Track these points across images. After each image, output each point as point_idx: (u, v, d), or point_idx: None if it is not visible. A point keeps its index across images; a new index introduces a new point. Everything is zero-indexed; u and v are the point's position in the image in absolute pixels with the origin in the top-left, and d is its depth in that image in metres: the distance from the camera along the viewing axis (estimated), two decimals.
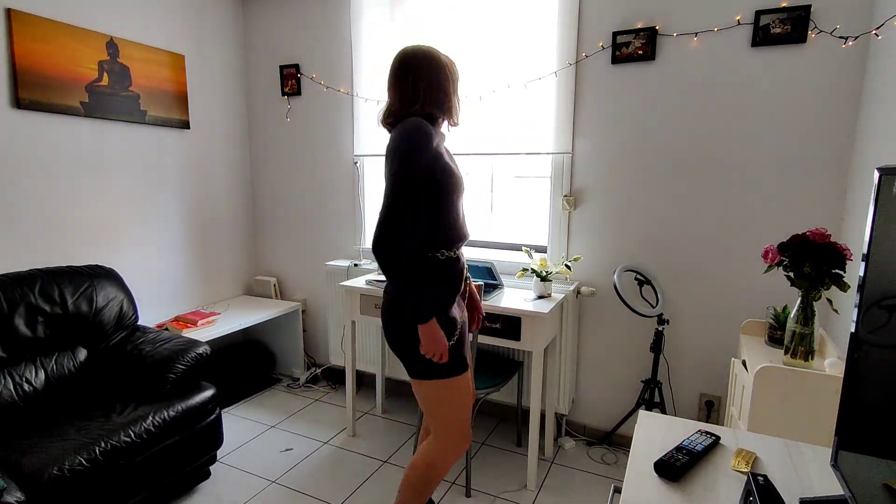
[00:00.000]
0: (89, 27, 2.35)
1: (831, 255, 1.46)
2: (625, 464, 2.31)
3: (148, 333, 2.26)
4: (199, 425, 2.04)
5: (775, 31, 1.95)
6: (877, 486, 0.71)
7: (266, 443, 2.51)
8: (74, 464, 1.61)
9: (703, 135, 2.14)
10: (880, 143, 1.68)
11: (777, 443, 1.04)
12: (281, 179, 3.20)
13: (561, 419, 2.54)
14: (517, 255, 2.56)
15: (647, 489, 0.89)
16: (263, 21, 3.08)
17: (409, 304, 1.43)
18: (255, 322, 2.87)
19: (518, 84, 2.39)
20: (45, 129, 2.24)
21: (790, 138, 2.01)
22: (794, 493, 0.87)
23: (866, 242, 0.78)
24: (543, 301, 2.18)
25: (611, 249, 2.38)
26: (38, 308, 2.03)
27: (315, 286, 3.20)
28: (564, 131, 2.35)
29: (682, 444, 1.00)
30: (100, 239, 2.49)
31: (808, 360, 1.53)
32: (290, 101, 3.07)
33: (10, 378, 1.91)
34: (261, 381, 3.16)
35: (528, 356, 2.49)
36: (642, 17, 2.17)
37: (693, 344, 2.29)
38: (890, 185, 0.74)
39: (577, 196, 2.41)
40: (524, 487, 2.18)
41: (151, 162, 2.69)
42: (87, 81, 2.35)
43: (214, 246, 3.11)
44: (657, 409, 2.23)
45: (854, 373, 0.82)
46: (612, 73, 2.26)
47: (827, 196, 1.98)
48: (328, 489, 2.16)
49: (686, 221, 2.22)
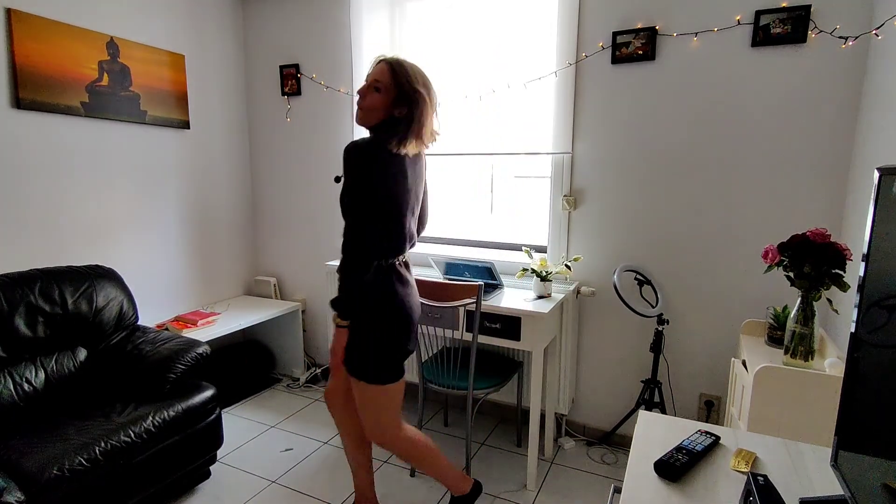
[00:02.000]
0: (89, 27, 2.35)
1: (831, 255, 1.46)
2: (625, 464, 2.31)
3: (148, 333, 2.26)
4: (199, 425, 2.03)
5: (775, 31, 1.95)
6: (877, 486, 0.71)
7: (266, 443, 2.51)
8: (74, 464, 1.61)
9: (703, 134, 2.14)
10: (880, 143, 1.68)
11: (777, 443, 1.04)
12: (281, 179, 3.20)
13: (561, 419, 2.54)
14: (517, 255, 2.56)
15: (647, 489, 0.89)
16: (263, 21, 3.08)
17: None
18: (255, 322, 2.87)
19: (518, 84, 2.39)
20: (45, 129, 2.24)
21: (790, 138, 2.01)
22: (794, 493, 0.87)
23: (866, 242, 0.78)
24: (543, 301, 2.18)
25: (611, 249, 2.38)
26: (38, 308, 2.02)
27: (315, 286, 3.20)
28: (564, 131, 2.35)
29: (682, 444, 1.00)
30: (100, 239, 2.49)
31: (808, 360, 1.53)
32: (290, 101, 3.07)
33: (10, 378, 1.91)
34: (261, 381, 3.16)
35: (528, 356, 2.49)
36: (642, 17, 2.17)
37: (693, 344, 2.29)
38: (890, 185, 0.74)
39: (577, 196, 2.41)
40: (524, 487, 2.18)
41: (151, 162, 2.69)
42: (87, 81, 2.35)
43: (214, 246, 3.11)
44: (657, 409, 2.23)
45: (854, 373, 0.82)
46: (612, 73, 2.26)
47: (827, 196, 1.98)
48: (328, 489, 2.15)
49: (686, 221, 2.22)
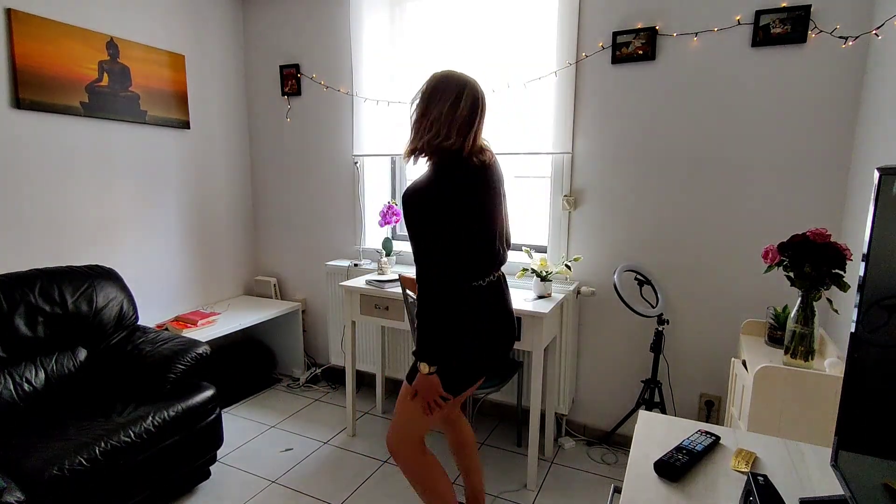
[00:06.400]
0: (89, 27, 2.35)
1: (831, 255, 1.46)
2: (625, 464, 2.31)
3: (148, 333, 2.26)
4: (199, 425, 2.03)
5: (775, 31, 1.95)
6: (877, 486, 0.71)
7: (266, 443, 2.51)
8: (74, 464, 1.61)
9: (702, 135, 2.14)
10: (880, 143, 1.68)
11: (777, 443, 1.04)
12: (281, 179, 3.20)
13: (561, 419, 2.54)
14: (517, 255, 2.55)
15: (647, 489, 0.89)
16: (263, 21, 3.07)
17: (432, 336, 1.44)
18: (255, 322, 2.87)
19: (518, 84, 2.39)
20: (45, 129, 2.24)
21: (790, 138, 2.01)
22: (794, 493, 0.87)
23: (866, 242, 0.78)
24: (543, 301, 2.18)
25: (611, 249, 2.38)
26: (39, 308, 2.02)
27: (315, 286, 3.20)
28: (564, 131, 2.35)
29: (682, 444, 1.00)
30: (100, 239, 2.49)
31: (808, 360, 1.53)
32: (290, 101, 3.07)
33: (10, 378, 1.91)
34: (261, 381, 3.16)
35: (528, 356, 2.49)
36: (642, 17, 2.17)
37: (693, 344, 2.29)
38: (890, 185, 0.74)
39: (577, 196, 2.41)
40: (524, 487, 2.18)
41: (151, 162, 2.69)
42: (87, 81, 2.35)
43: (214, 246, 3.11)
44: (657, 409, 2.23)
45: (854, 373, 0.82)
46: (612, 73, 2.26)
47: (827, 196, 1.98)
48: (328, 489, 2.15)
49: (686, 221, 2.22)
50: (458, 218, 1.41)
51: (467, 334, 1.45)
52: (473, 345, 1.46)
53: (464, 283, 1.44)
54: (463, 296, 1.44)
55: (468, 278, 1.45)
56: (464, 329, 1.44)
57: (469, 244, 1.44)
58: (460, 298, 1.43)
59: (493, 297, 1.51)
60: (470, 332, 1.45)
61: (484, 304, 1.48)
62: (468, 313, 1.44)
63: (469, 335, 1.45)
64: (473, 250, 1.45)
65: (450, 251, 1.40)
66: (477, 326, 1.46)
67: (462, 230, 1.42)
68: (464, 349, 1.46)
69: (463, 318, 1.44)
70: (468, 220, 1.43)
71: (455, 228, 1.40)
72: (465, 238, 1.42)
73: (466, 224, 1.42)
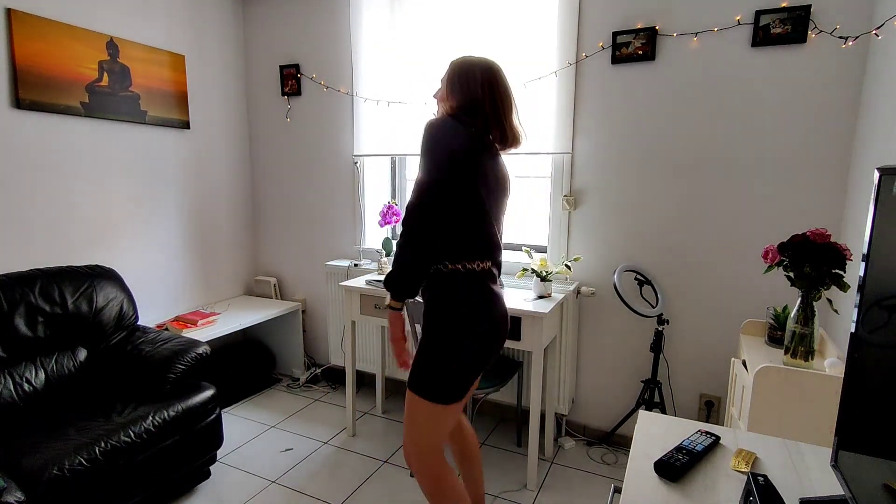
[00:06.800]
0: (89, 27, 2.35)
1: (831, 255, 1.46)
2: (625, 464, 2.31)
3: (148, 333, 2.26)
4: (199, 425, 2.03)
5: (775, 31, 1.95)
6: (877, 486, 0.71)
7: (266, 443, 2.51)
8: (74, 464, 1.61)
9: (702, 135, 2.14)
10: (880, 143, 1.68)
11: (777, 443, 1.04)
12: (281, 179, 3.20)
13: (561, 419, 2.54)
14: (517, 255, 2.55)
15: (647, 489, 0.89)
16: (263, 21, 3.07)
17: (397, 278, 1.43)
18: (255, 322, 2.87)
19: (518, 84, 2.39)
20: (45, 129, 2.24)
21: (790, 138, 2.01)
22: (794, 493, 0.87)
23: (866, 242, 0.78)
24: (543, 301, 2.18)
25: (611, 249, 2.38)
26: (38, 308, 2.02)
27: (315, 286, 3.20)
28: (564, 131, 2.35)
29: (682, 444, 1.00)
30: (100, 239, 2.49)
31: (808, 360, 1.53)
32: (290, 101, 3.07)
33: (10, 378, 1.91)
34: (261, 381, 3.16)
35: (528, 356, 2.49)
36: (642, 17, 2.17)
37: (693, 344, 2.29)
38: (890, 185, 0.74)
39: (577, 196, 2.41)
40: (524, 487, 2.18)
41: (151, 162, 2.69)
42: (87, 81, 2.35)
43: (214, 246, 3.11)
44: (657, 409, 2.23)
45: (854, 373, 0.82)
46: (612, 73, 2.26)
47: (827, 196, 1.98)
48: (328, 489, 2.16)
49: (686, 221, 2.22)
50: (463, 172, 1.40)
51: (466, 337, 1.45)
52: (473, 347, 1.46)
53: (458, 262, 1.43)
54: (458, 280, 1.43)
55: (463, 256, 1.44)
56: (463, 332, 1.44)
57: (465, 212, 1.43)
58: (455, 282, 1.43)
59: (492, 297, 1.51)
60: (469, 335, 1.45)
61: (484, 305, 1.47)
62: (468, 316, 1.44)
63: (468, 338, 1.45)
64: (470, 220, 1.44)
65: (441, 197, 1.39)
66: (476, 329, 1.46)
67: (464, 192, 1.41)
68: (463, 352, 1.45)
69: (462, 320, 1.43)
70: (472, 182, 1.42)
71: (456, 180, 1.40)
72: (462, 202, 1.42)
73: (471, 188, 1.41)
